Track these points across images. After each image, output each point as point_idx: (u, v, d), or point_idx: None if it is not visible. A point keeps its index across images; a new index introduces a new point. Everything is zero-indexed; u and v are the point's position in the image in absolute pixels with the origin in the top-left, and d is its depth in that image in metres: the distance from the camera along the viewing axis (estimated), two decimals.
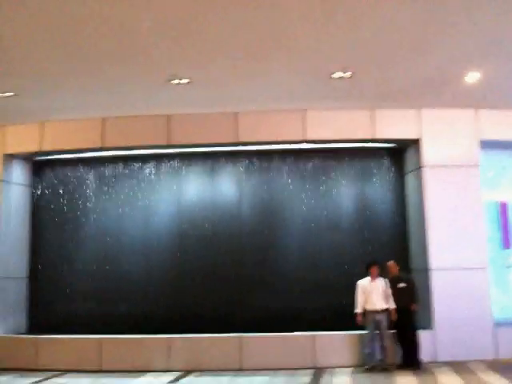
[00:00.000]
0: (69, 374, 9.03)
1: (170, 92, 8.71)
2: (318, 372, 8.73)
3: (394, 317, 8.72)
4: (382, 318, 8.70)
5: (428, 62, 7.69)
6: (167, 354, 9.22)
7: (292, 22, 6.42)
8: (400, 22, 6.48)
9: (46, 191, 10.79)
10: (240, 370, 9.02)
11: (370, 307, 8.74)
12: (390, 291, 8.80)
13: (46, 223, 10.68)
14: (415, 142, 9.80)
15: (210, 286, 10.09)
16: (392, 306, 8.74)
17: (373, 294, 8.76)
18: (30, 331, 10.23)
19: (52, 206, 10.72)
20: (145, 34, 6.63)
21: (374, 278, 8.85)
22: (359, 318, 8.74)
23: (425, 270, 9.41)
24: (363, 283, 8.88)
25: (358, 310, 8.78)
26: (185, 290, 10.12)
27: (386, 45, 7.12)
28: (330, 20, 6.37)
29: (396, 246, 10.05)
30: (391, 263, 9.12)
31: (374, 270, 8.88)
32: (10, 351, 9.59)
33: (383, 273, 9.01)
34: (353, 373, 8.60)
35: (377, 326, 8.72)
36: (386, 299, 8.76)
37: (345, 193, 10.31)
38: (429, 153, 9.65)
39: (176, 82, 8.22)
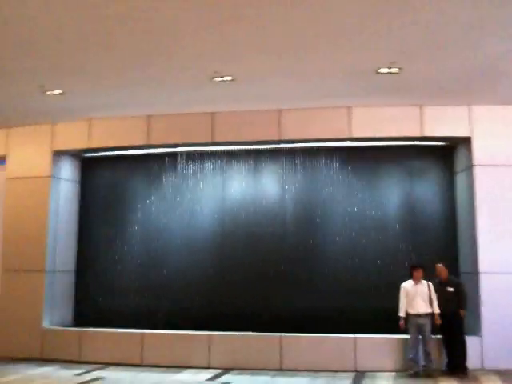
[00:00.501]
0: (110, 368, 9.18)
1: (213, 89, 8.69)
2: (359, 375, 8.53)
3: (438, 321, 8.41)
4: (426, 322, 8.40)
5: (480, 55, 7.32)
6: (207, 351, 9.22)
7: (336, 16, 6.23)
8: (450, 14, 6.17)
9: (94, 187, 11.02)
10: (279, 370, 8.93)
11: (412, 311, 8.46)
12: (434, 295, 8.48)
13: (93, 219, 10.90)
14: (466, 141, 9.42)
15: (252, 284, 10.03)
16: (436, 310, 8.42)
17: (416, 297, 8.47)
18: (76, 324, 10.47)
19: (99, 202, 10.94)
20: (188, 31, 6.60)
21: (417, 281, 8.55)
22: (402, 322, 8.47)
23: (473, 274, 9.04)
24: (406, 286, 8.61)
25: (401, 313, 8.50)
26: (226, 288, 10.09)
27: (436, 38, 6.79)
28: (375, 12, 6.12)
29: (445, 248, 9.71)
30: (440, 266, 8.78)
31: (418, 272, 8.57)
32: (55, 343, 9.88)
33: (431, 275, 8.70)
34: (394, 378, 8.35)
35: (420, 330, 8.44)
36: (430, 303, 8.45)
37: (391, 192, 10.03)
38: (480, 152, 9.26)
39: (219, 79, 8.19)
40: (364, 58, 7.49)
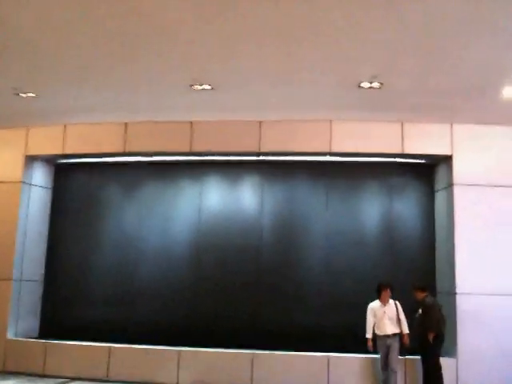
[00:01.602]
0: (75, 382, 8.84)
1: (192, 98, 8.51)
2: None
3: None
4: (393, 342, 8.18)
5: (462, 74, 7.24)
6: (176, 367, 8.93)
7: (319, 28, 6.11)
8: (434, 32, 6.09)
9: (67, 195, 10.71)
10: None
11: (380, 332, 8.26)
12: (402, 315, 8.28)
13: (65, 227, 10.58)
14: (447, 159, 9.33)
15: (227, 297, 9.77)
16: (405, 330, 8.21)
17: (384, 318, 8.26)
18: (42, 335, 10.10)
19: (71, 210, 10.62)
20: (168, 37, 6.42)
21: (385, 302, 8.35)
22: (370, 344, 8.23)
23: (450, 294, 8.90)
24: (374, 307, 8.39)
25: (368, 335, 8.27)
26: (200, 301, 9.82)
27: (418, 54, 6.71)
28: (358, 26, 6.02)
29: (423, 267, 9.56)
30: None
31: (387, 292, 8.35)
32: (19, 355, 9.50)
33: (406, 295, 8.53)
34: None
35: (388, 351, 8.22)
36: (398, 323, 8.23)
37: (370, 209, 9.87)
38: (461, 170, 9.16)
39: (198, 87, 8.01)
40: (346, 72, 7.36)
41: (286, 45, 6.59)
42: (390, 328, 8.21)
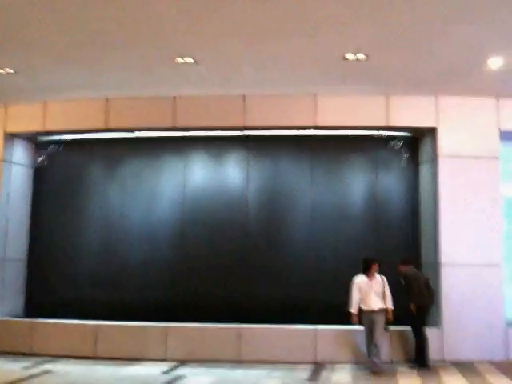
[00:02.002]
0: (62, 360, 8.80)
1: (175, 72, 8.36)
2: (318, 367, 8.37)
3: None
4: (379, 318, 8.02)
5: (448, 45, 7.18)
6: (163, 343, 8.93)
7: (304, 2, 6.00)
8: (420, 3, 6.02)
9: (49, 173, 10.53)
10: (238, 361, 8.69)
11: (366, 307, 8.08)
12: (388, 289, 8.15)
13: (47, 205, 10.43)
14: (431, 131, 9.32)
15: (213, 274, 9.75)
16: (389, 305, 8.08)
17: (370, 293, 8.08)
18: (27, 314, 10.01)
19: (54, 188, 10.45)
20: (150, 10, 6.26)
21: (372, 276, 8.20)
22: (355, 319, 8.07)
23: (435, 265, 8.96)
24: (359, 281, 8.19)
25: (353, 310, 8.08)
26: (187, 278, 9.79)
27: (404, 26, 6.62)
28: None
29: (408, 239, 9.61)
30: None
31: (375, 267, 8.19)
32: (4, 334, 9.41)
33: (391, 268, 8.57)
34: (353, 370, 8.20)
35: (373, 326, 8.06)
36: (384, 298, 8.10)
37: (355, 182, 9.86)
38: (445, 143, 9.17)
39: (182, 60, 7.86)
40: (331, 44, 7.26)
41: (269, 18, 6.47)
42: (376, 303, 8.03)
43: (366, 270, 8.22)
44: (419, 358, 8.28)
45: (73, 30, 6.90)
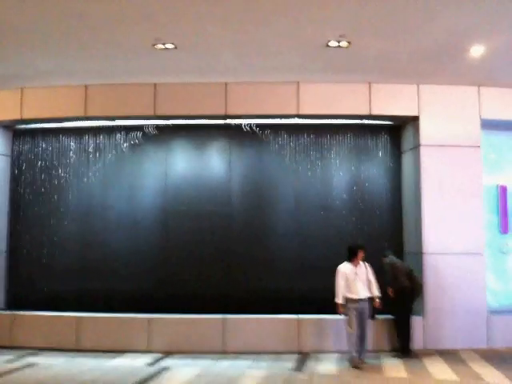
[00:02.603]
0: (44, 353, 8.71)
1: (155, 58, 8.20)
2: (303, 357, 8.41)
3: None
4: (366, 306, 7.88)
5: (430, 32, 7.16)
6: (147, 334, 8.88)
7: None
8: None
9: (28, 162, 10.30)
10: (223, 352, 8.70)
11: (353, 296, 7.84)
12: (373, 277, 8.05)
13: (27, 195, 10.22)
14: (413, 120, 9.34)
15: (196, 264, 9.69)
16: (375, 293, 7.97)
17: (356, 281, 7.87)
18: (8, 307, 9.86)
19: (33, 178, 10.24)
20: None
21: (357, 264, 8.03)
22: (341, 309, 7.86)
23: (418, 254, 9.03)
24: (345, 269, 7.95)
25: (339, 299, 7.84)
26: (170, 268, 9.72)
27: (386, 12, 6.58)
28: None
29: (390, 228, 9.68)
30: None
31: (361, 254, 8.00)
32: None
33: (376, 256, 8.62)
34: (338, 360, 8.25)
35: (360, 315, 7.86)
36: (370, 286, 8.01)
37: (338, 171, 9.85)
38: (427, 131, 9.20)
39: (161, 46, 7.71)
40: (313, 30, 7.19)
41: (251, 3, 6.36)
42: (363, 291, 7.86)
43: (352, 258, 8.02)
44: (402, 347, 8.38)
45: (51, 16, 6.71)
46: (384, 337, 8.69)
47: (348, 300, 7.88)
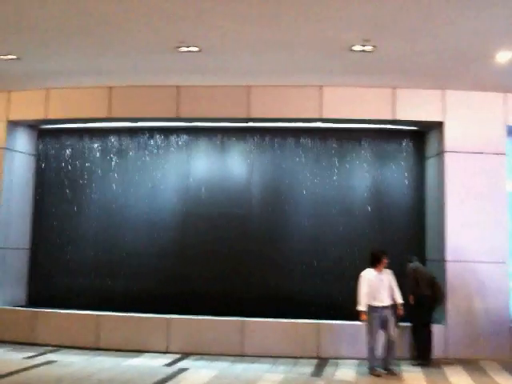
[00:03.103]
0: (64, 350, 8.79)
1: (179, 61, 8.23)
2: (321, 362, 8.33)
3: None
4: (390, 313, 7.69)
5: (456, 38, 7.06)
6: (165, 335, 8.90)
7: None
8: None
9: (51, 161, 10.45)
10: (240, 355, 8.66)
11: (377, 303, 7.64)
12: (395, 283, 7.86)
13: (50, 194, 10.36)
14: (438, 126, 9.22)
15: (215, 265, 9.70)
16: (398, 300, 7.77)
17: (380, 288, 7.67)
18: (30, 304, 9.98)
19: (56, 177, 10.38)
20: None
21: (381, 270, 7.83)
22: (364, 316, 7.64)
23: (440, 261, 8.90)
24: (368, 276, 7.75)
25: (363, 307, 7.65)
26: (188, 270, 9.74)
27: (412, 16, 6.50)
28: None
29: (412, 235, 9.56)
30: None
31: (385, 260, 7.80)
32: (6, 323, 9.39)
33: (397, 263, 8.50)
34: (356, 366, 8.16)
35: (383, 323, 7.67)
36: (393, 293, 7.80)
37: (360, 176, 9.77)
38: (452, 137, 9.07)
39: (185, 49, 7.74)
40: (338, 34, 7.13)
41: (274, 7, 6.35)
42: (387, 298, 7.68)
43: (376, 264, 7.80)
44: (419, 355, 8.26)
45: (76, 16, 6.76)
46: (404, 344, 8.56)
47: (371, 308, 7.68)
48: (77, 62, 8.49)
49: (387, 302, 7.71)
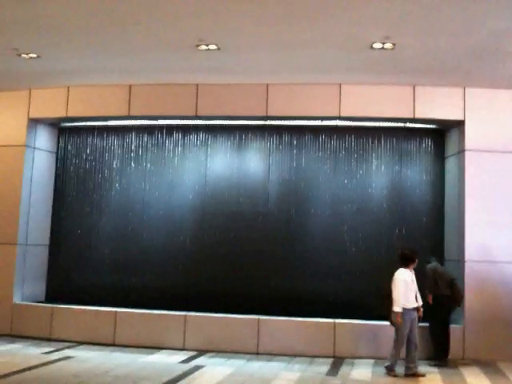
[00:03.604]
0: (81, 346, 8.87)
1: (198, 58, 8.25)
2: (337, 361, 8.29)
3: (421, 314, 7.66)
4: (416, 315, 7.57)
5: (478, 34, 6.93)
6: (182, 332, 8.93)
7: None
8: None
9: (70, 158, 10.55)
10: (256, 353, 8.66)
11: (410, 305, 7.46)
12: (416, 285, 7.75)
13: (69, 191, 10.47)
14: (458, 124, 9.11)
15: (232, 263, 9.71)
16: (420, 301, 7.67)
17: (413, 289, 7.54)
18: (48, 300, 10.10)
19: (75, 174, 10.48)
20: None
21: (412, 271, 7.65)
22: (400, 319, 7.38)
23: (459, 261, 8.79)
24: (404, 276, 7.53)
25: (400, 308, 7.39)
26: (205, 267, 9.76)
27: (432, 13, 6.41)
28: None
29: (430, 234, 9.45)
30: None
31: (416, 261, 7.70)
32: (25, 319, 9.51)
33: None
34: (373, 365, 8.09)
35: (414, 324, 7.53)
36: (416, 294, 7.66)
37: (379, 175, 9.69)
38: (472, 136, 8.95)
39: (204, 47, 7.75)
40: (358, 32, 7.07)
41: (294, 5, 6.33)
42: (415, 299, 7.56)
43: (409, 264, 7.65)
44: (440, 356, 8.17)
45: (95, 15, 6.81)
46: (422, 345, 8.46)
47: (404, 309, 7.46)
48: (97, 60, 8.56)
49: (417, 304, 7.62)
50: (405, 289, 7.48)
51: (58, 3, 6.50)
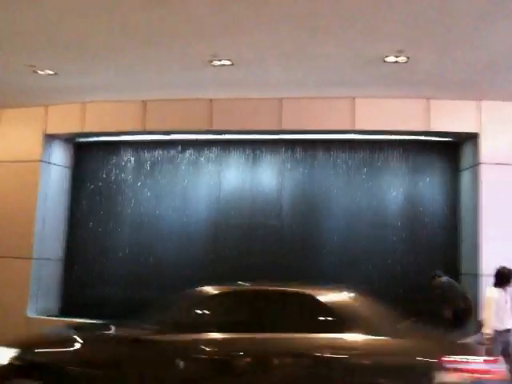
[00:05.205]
0: None
1: (211, 74, 8.30)
2: None
3: None
4: (510, 337, 7.08)
5: (492, 46, 6.92)
6: None
7: (340, 1, 5.88)
8: (459, 5, 5.82)
9: (86, 174, 10.64)
10: None
11: (502, 326, 6.99)
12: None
13: (85, 206, 10.53)
14: (473, 137, 9.05)
15: (247, 277, 9.63)
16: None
17: (506, 309, 7.10)
18: (62, 314, 10.12)
19: (91, 189, 10.55)
20: (186, 10, 6.22)
21: (506, 290, 7.17)
22: (490, 341, 6.74)
23: (474, 276, 8.69)
24: (495, 295, 7.09)
25: (491, 329, 6.86)
26: (220, 281, 9.68)
27: (445, 26, 6.41)
28: None
29: (446, 248, 9.35)
30: None
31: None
32: None
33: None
34: None
35: (504, 349, 6.85)
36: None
37: (393, 188, 9.65)
38: (488, 149, 8.87)
39: (218, 63, 7.81)
40: (371, 45, 7.07)
41: (306, 19, 6.37)
42: (510, 321, 7.09)
43: (505, 283, 7.24)
44: None
45: (110, 32, 6.92)
46: None
47: (496, 332, 7.01)
48: (112, 77, 8.66)
49: (510, 325, 7.15)
50: (496, 309, 7.04)
51: (75, 21, 6.60)
